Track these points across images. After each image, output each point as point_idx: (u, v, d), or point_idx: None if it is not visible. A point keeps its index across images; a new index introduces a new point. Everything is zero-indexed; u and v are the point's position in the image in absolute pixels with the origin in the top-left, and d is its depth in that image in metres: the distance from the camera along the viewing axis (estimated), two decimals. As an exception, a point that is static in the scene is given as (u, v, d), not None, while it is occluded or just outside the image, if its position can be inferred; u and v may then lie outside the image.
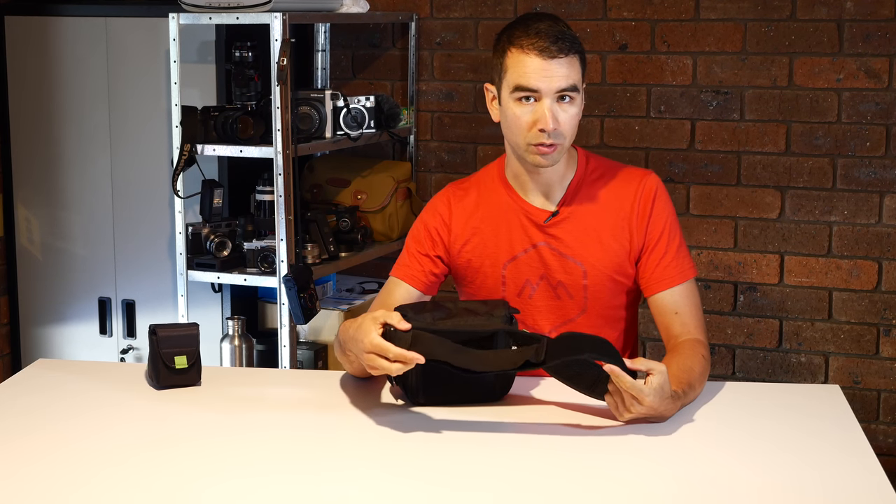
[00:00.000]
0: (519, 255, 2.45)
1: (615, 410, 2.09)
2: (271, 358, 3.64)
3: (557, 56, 2.28)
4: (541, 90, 2.29)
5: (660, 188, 2.44)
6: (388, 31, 4.13)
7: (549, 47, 2.28)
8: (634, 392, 2.03)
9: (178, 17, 3.45)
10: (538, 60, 2.28)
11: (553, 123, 2.29)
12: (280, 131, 3.37)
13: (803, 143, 3.74)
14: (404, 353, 2.00)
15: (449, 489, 1.85)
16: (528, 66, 2.29)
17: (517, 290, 2.46)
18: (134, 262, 3.86)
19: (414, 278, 2.47)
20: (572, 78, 2.30)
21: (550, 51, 2.28)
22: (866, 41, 3.64)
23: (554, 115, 2.29)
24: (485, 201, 2.49)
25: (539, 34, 2.29)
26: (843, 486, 1.85)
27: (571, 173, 2.45)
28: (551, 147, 2.32)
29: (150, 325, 2.34)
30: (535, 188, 2.44)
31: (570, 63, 2.30)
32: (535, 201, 2.45)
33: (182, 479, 1.88)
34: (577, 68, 2.32)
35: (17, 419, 2.16)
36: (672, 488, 1.85)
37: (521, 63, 2.30)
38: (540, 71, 2.28)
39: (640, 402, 2.04)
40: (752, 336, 3.87)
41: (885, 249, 3.72)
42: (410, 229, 2.55)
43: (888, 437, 3.79)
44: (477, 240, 2.48)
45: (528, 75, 2.29)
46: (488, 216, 2.48)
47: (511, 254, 2.45)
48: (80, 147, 3.87)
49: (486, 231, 2.47)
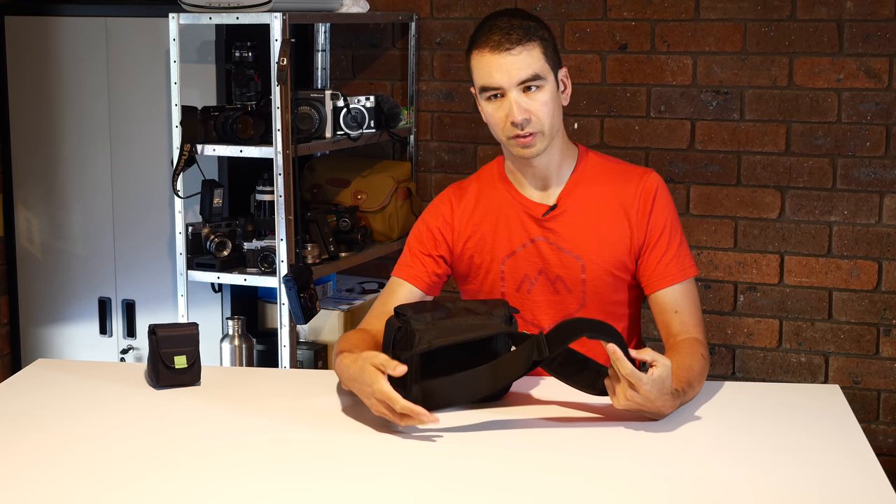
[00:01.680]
0: (517, 250, 2.46)
1: (611, 395, 2.06)
2: (271, 358, 3.64)
3: (510, 48, 2.31)
4: (502, 85, 2.32)
5: (661, 186, 2.45)
6: (388, 31, 4.13)
7: (500, 41, 2.31)
8: (633, 379, 2.01)
9: (178, 17, 3.45)
10: (492, 57, 2.32)
11: (521, 114, 2.32)
12: (280, 131, 3.37)
13: (803, 143, 3.74)
14: (409, 407, 2.01)
15: (449, 489, 1.85)
16: (486, 65, 2.33)
17: (516, 285, 2.47)
18: (134, 262, 3.86)
19: (417, 278, 2.48)
20: (532, 67, 2.32)
21: (502, 45, 2.31)
22: (866, 41, 3.64)
23: (521, 106, 2.32)
24: (484, 198, 2.50)
25: (492, 31, 2.33)
26: (843, 487, 1.85)
27: (570, 167, 2.45)
28: (530, 136, 2.34)
29: (149, 324, 2.34)
30: (532, 182, 2.45)
31: (527, 52, 2.32)
32: (532, 195, 2.45)
33: (182, 479, 1.88)
34: (538, 55, 2.33)
35: (17, 419, 2.16)
36: (672, 488, 1.85)
37: (479, 63, 2.35)
38: (496, 67, 2.32)
39: (636, 391, 2.02)
40: (752, 336, 3.87)
41: (885, 249, 3.71)
42: (412, 230, 2.55)
43: (888, 437, 3.79)
44: (478, 236, 2.49)
45: (487, 74, 2.33)
46: (488, 213, 2.49)
47: (510, 249, 2.46)
48: (80, 147, 3.87)
49: (485, 227, 2.48)
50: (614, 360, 2.01)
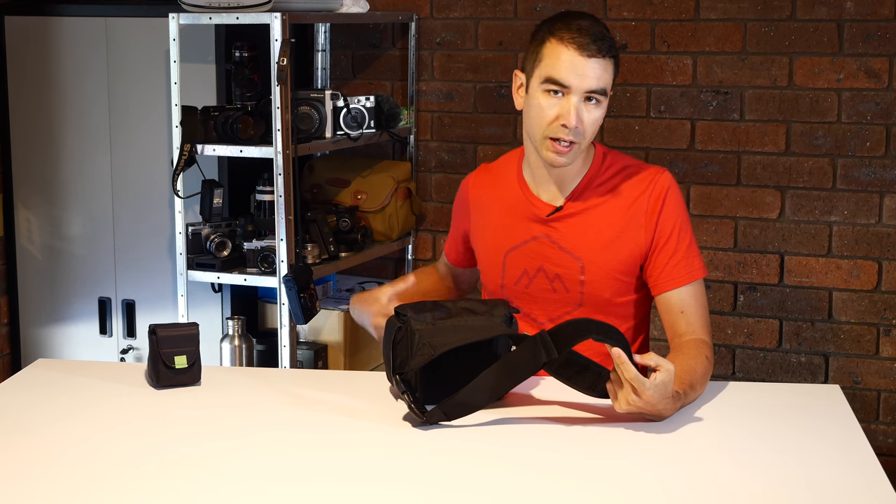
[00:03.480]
0: (519, 245, 2.47)
1: (613, 398, 2.07)
2: (271, 358, 3.64)
3: (595, 55, 2.29)
4: (571, 86, 2.30)
5: (672, 186, 2.43)
6: (388, 31, 4.13)
7: (588, 45, 2.29)
8: (636, 384, 2.01)
9: (178, 17, 3.45)
10: (575, 55, 2.29)
11: (576, 121, 2.30)
12: (280, 131, 3.37)
13: (803, 143, 3.74)
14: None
15: (449, 489, 1.85)
16: (564, 60, 2.29)
17: (515, 279, 2.49)
18: (134, 262, 3.86)
19: (449, 252, 2.72)
20: (604, 80, 2.31)
21: (590, 48, 2.29)
22: (866, 41, 3.64)
23: (578, 113, 2.30)
24: (499, 190, 2.54)
25: (581, 30, 2.30)
26: (843, 487, 1.85)
27: (584, 170, 2.45)
28: (569, 146, 2.33)
29: (149, 324, 2.34)
30: (548, 182, 2.45)
31: (605, 65, 2.31)
32: (544, 196, 2.46)
33: (182, 479, 1.88)
34: (611, 72, 2.33)
35: (17, 419, 2.16)
36: (672, 488, 1.85)
37: (557, 55, 2.30)
38: (575, 67, 2.29)
39: (638, 395, 2.02)
40: (752, 336, 3.87)
41: (885, 249, 3.71)
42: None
43: (888, 437, 3.79)
44: (484, 222, 2.55)
45: (562, 69, 2.29)
46: (498, 205, 2.53)
47: (512, 243, 2.48)
48: (80, 147, 3.87)
49: (492, 217, 2.53)
50: (618, 363, 2.02)
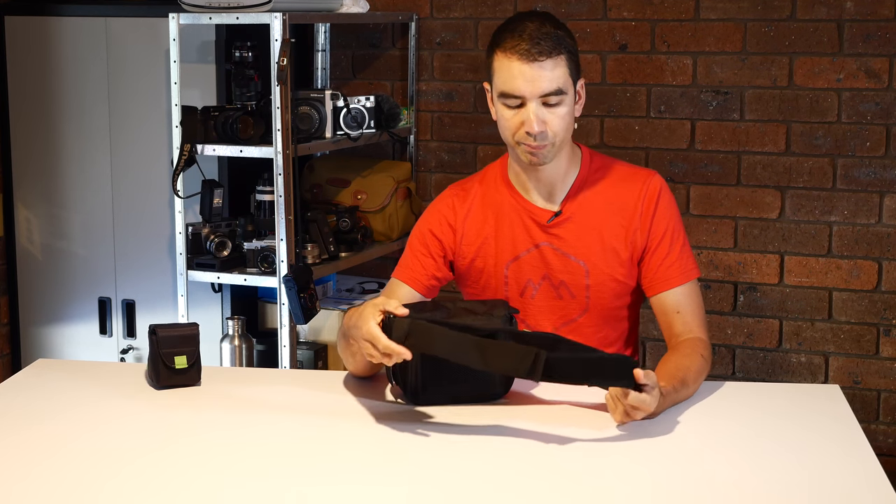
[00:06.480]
0: (521, 255, 2.45)
1: (612, 411, 2.10)
2: (271, 358, 3.64)
3: (539, 59, 2.26)
4: (525, 95, 2.28)
5: (664, 188, 2.44)
6: (388, 31, 4.13)
7: (530, 50, 2.25)
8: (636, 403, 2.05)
9: (178, 17, 3.45)
10: (520, 65, 2.26)
11: (539, 126, 2.28)
12: (280, 131, 3.37)
13: (803, 143, 3.74)
14: (390, 346, 1.98)
15: (449, 489, 1.85)
16: (511, 72, 2.27)
17: (519, 290, 2.46)
18: (134, 262, 3.86)
19: (416, 280, 2.47)
20: (557, 81, 2.27)
21: (531, 54, 2.25)
22: (866, 41, 3.64)
23: (539, 118, 2.28)
24: (488, 201, 2.48)
25: (522, 37, 2.26)
26: (843, 486, 1.85)
27: (574, 172, 2.44)
28: (541, 147, 2.32)
29: (150, 325, 2.34)
30: (537, 187, 2.44)
31: (554, 65, 2.27)
32: (537, 201, 2.44)
33: (182, 479, 1.88)
34: (563, 68, 2.29)
35: (16, 419, 2.16)
36: (672, 488, 1.85)
37: (504, 68, 2.29)
38: (522, 76, 2.26)
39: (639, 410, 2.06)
40: (752, 336, 3.87)
41: (885, 249, 3.71)
42: (413, 230, 2.54)
43: (888, 437, 3.79)
44: (480, 240, 2.48)
45: (511, 81, 2.28)
46: (491, 216, 2.47)
47: (514, 254, 2.45)
48: (80, 147, 3.87)
49: (488, 231, 2.47)
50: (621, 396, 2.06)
